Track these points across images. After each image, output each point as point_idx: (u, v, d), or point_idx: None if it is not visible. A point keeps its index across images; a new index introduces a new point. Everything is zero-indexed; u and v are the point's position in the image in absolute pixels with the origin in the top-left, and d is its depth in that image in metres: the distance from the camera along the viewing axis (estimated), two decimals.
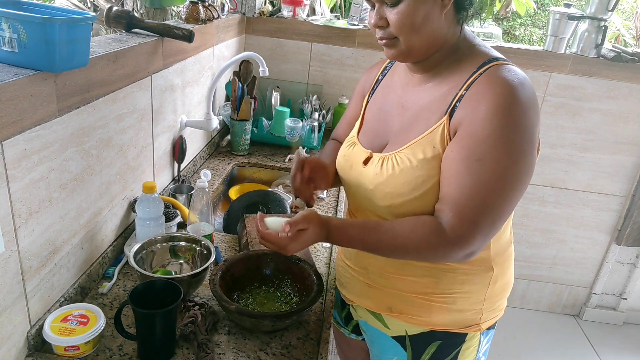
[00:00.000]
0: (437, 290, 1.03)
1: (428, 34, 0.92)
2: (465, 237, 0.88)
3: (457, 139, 0.90)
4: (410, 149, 0.96)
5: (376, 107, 1.12)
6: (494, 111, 0.86)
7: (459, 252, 0.90)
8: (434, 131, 0.94)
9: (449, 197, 0.90)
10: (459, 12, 0.95)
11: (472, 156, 0.87)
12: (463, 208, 0.88)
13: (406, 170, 0.95)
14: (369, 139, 1.09)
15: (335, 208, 1.75)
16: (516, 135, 0.87)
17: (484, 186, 0.87)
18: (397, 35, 0.93)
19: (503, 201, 0.88)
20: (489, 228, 0.89)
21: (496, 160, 0.86)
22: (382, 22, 0.94)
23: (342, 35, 2.42)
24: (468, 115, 0.89)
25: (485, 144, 0.87)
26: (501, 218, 0.90)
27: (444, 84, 0.97)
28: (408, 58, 0.97)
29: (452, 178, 0.90)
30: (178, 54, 1.56)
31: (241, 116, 2.04)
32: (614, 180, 2.62)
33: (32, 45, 0.86)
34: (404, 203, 0.96)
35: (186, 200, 1.55)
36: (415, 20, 0.90)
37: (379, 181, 0.99)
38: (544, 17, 7.96)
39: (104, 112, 1.14)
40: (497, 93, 0.87)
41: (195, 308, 1.09)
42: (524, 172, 0.88)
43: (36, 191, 0.94)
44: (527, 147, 0.88)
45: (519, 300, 2.95)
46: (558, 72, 2.42)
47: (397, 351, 1.12)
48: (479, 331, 1.08)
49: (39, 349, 1.00)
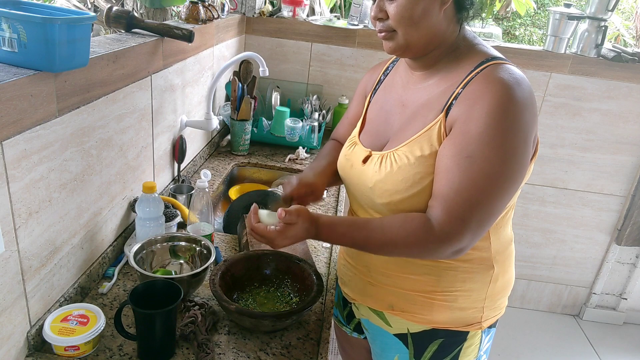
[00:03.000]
0: (438, 288, 1.04)
1: (427, 28, 0.93)
2: (453, 233, 0.89)
3: (451, 136, 0.91)
4: (408, 146, 0.96)
5: (378, 107, 1.12)
6: (489, 110, 0.87)
7: (447, 248, 0.90)
8: (431, 129, 0.94)
9: (439, 193, 0.90)
10: (460, 12, 0.96)
11: (463, 153, 0.88)
12: (451, 204, 0.88)
13: (404, 168, 0.95)
14: (370, 138, 1.09)
15: (335, 208, 1.75)
16: (509, 134, 0.87)
17: (472, 183, 0.87)
18: (395, 29, 0.94)
19: (492, 199, 0.88)
20: (477, 225, 0.89)
21: (486, 158, 0.86)
22: (381, 14, 0.95)
23: (342, 35, 2.42)
24: (463, 113, 0.90)
25: (476, 142, 0.87)
26: (490, 216, 0.90)
27: (442, 82, 0.98)
28: (406, 52, 0.98)
29: (442, 174, 0.90)
30: (178, 54, 1.56)
31: (241, 116, 2.04)
32: (614, 180, 2.62)
33: (32, 45, 0.86)
34: (402, 200, 0.97)
35: (186, 200, 1.55)
36: (414, 13, 0.91)
37: (378, 179, 1.00)
38: (544, 17, 7.97)
39: (104, 112, 1.14)
40: (492, 92, 0.87)
41: (195, 308, 1.09)
42: (515, 172, 0.88)
43: (36, 191, 0.94)
44: (520, 147, 0.88)
45: (519, 300, 2.95)
46: (558, 72, 2.42)
47: (399, 349, 1.12)
48: (480, 329, 1.08)
49: (39, 349, 1.00)
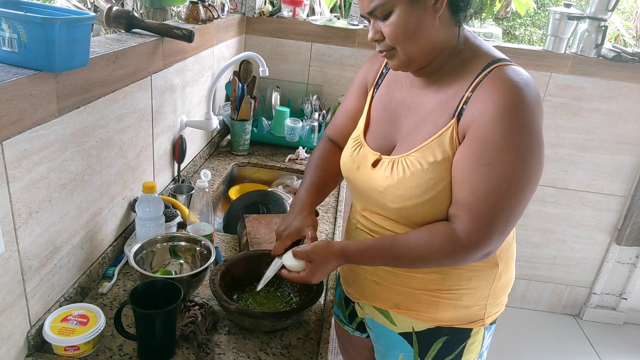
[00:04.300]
0: (444, 287, 1.04)
1: (424, 40, 0.93)
2: (481, 240, 0.91)
3: (467, 144, 0.91)
4: (420, 152, 0.96)
5: (382, 105, 1.11)
6: (501, 114, 0.87)
7: (476, 254, 0.94)
8: (443, 134, 0.94)
9: (463, 202, 0.92)
10: (456, 14, 0.95)
11: (482, 160, 0.89)
12: (477, 212, 0.90)
13: (417, 174, 0.95)
14: (377, 140, 1.08)
15: (335, 208, 1.75)
16: (524, 136, 0.88)
17: (496, 189, 0.89)
18: (394, 46, 0.94)
19: (515, 202, 0.90)
20: (504, 228, 0.92)
21: (506, 163, 0.88)
22: (377, 35, 0.95)
23: (342, 35, 2.42)
24: (476, 119, 0.90)
25: (494, 148, 0.88)
26: (515, 217, 0.93)
27: (449, 87, 0.97)
28: (411, 66, 0.98)
29: (464, 183, 0.91)
30: (178, 54, 1.56)
31: (241, 116, 2.04)
32: (614, 180, 2.62)
33: (32, 45, 0.86)
34: (415, 205, 0.97)
35: (186, 200, 1.55)
36: (408, 29, 0.91)
37: (389, 184, 0.99)
38: (544, 17, 7.96)
39: (104, 112, 1.14)
40: (503, 95, 0.88)
41: (195, 308, 1.09)
42: (533, 172, 0.90)
43: (36, 191, 0.94)
44: (535, 148, 0.89)
45: (519, 300, 2.95)
46: (558, 72, 2.42)
47: (404, 347, 1.13)
48: (483, 326, 1.10)
49: (39, 349, 1.00)
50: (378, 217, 1.07)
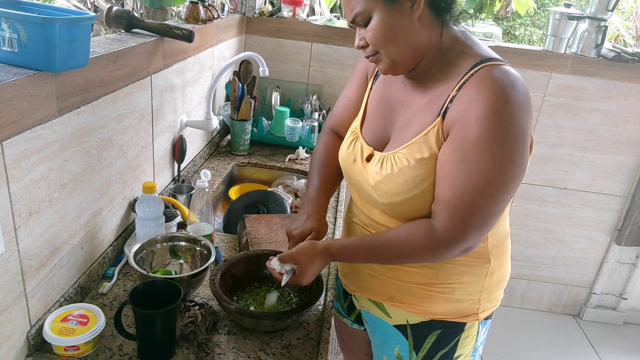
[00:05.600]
0: (436, 280, 1.06)
1: (405, 42, 0.94)
2: (458, 236, 0.93)
3: (449, 142, 0.92)
4: (407, 149, 0.97)
5: (378, 97, 1.12)
6: (484, 113, 0.87)
7: (453, 250, 0.95)
8: (429, 132, 0.95)
9: (442, 199, 0.94)
10: (440, 15, 0.96)
11: (462, 159, 0.90)
12: (454, 209, 0.92)
13: (404, 170, 0.97)
14: (372, 133, 1.10)
15: (335, 208, 1.75)
16: (506, 136, 0.88)
17: (473, 187, 0.90)
18: (377, 50, 0.96)
19: (492, 201, 0.91)
20: (480, 226, 0.93)
21: (484, 162, 0.88)
22: (362, 42, 0.98)
23: (342, 35, 2.42)
24: (459, 117, 0.91)
25: (474, 147, 0.89)
26: (492, 216, 0.94)
27: (437, 86, 0.98)
28: (397, 70, 0.99)
29: (444, 180, 0.93)
30: (178, 54, 1.56)
31: (241, 116, 2.04)
32: (614, 180, 2.62)
33: (32, 45, 0.86)
34: (403, 201, 0.99)
35: (186, 200, 1.55)
36: (387, 32, 0.93)
37: (379, 179, 1.01)
38: (544, 17, 7.97)
39: (104, 112, 1.14)
40: (487, 94, 0.88)
41: (195, 308, 1.09)
42: (513, 173, 0.90)
43: (36, 191, 0.94)
44: (517, 149, 0.89)
45: (519, 300, 2.95)
46: (558, 72, 2.42)
47: (399, 340, 1.14)
48: (477, 320, 1.11)
49: (39, 349, 1.00)
50: (372, 210, 1.09)
